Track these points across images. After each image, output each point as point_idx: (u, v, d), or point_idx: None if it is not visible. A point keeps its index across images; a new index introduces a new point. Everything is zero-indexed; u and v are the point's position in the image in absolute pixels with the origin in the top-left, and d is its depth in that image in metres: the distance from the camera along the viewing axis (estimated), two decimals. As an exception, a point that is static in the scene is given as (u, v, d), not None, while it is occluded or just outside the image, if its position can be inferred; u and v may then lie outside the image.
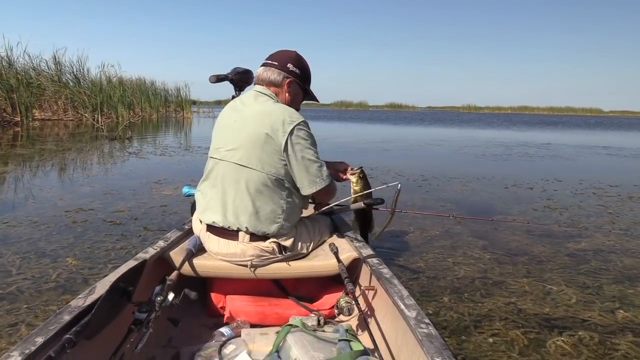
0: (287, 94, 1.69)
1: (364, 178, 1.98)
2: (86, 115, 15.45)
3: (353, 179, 1.98)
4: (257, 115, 1.58)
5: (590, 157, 10.18)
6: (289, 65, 1.68)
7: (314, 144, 1.62)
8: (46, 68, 15.44)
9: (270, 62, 1.70)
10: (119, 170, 6.05)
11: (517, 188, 5.53)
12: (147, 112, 19.51)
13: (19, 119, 13.19)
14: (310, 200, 1.89)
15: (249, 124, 1.58)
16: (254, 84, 1.75)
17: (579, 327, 2.03)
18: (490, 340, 1.89)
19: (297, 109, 1.71)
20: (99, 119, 14.63)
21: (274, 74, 1.67)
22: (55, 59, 15.50)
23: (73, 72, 16.16)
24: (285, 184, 1.61)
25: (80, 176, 5.50)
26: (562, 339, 1.91)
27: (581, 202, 4.80)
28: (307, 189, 1.62)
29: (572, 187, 5.73)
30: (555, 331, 1.98)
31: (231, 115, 1.68)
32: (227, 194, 1.60)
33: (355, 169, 1.98)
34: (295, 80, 1.69)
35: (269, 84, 1.68)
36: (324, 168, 1.65)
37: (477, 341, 1.88)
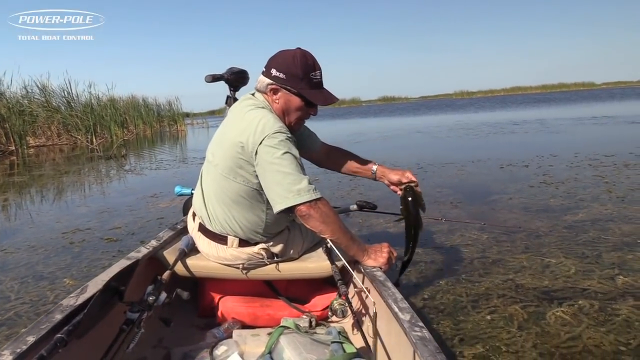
0: (274, 103, 1.57)
1: (409, 195, 1.71)
2: (80, 137, 15.44)
3: (400, 193, 1.77)
4: (235, 123, 1.55)
5: (584, 128, 10.16)
6: (272, 71, 1.54)
7: (289, 155, 1.43)
8: (38, 95, 15.47)
9: (264, 67, 1.60)
10: (115, 188, 6.05)
11: (513, 167, 5.52)
12: (140, 129, 19.52)
13: (14, 147, 13.20)
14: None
15: (228, 131, 1.55)
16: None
17: (578, 296, 2.03)
18: (489, 317, 1.88)
19: (298, 119, 1.61)
20: (93, 140, 14.63)
21: (261, 81, 1.58)
22: (41, 86, 15.48)
23: (64, 95, 16.19)
24: (263, 195, 1.52)
25: (77, 198, 5.50)
26: (562, 309, 1.91)
27: (577, 174, 4.79)
28: (277, 205, 1.42)
29: (567, 160, 5.72)
30: (555, 302, 1.97)
31: (225, 119, 1.67)
32: (210, 200, 1.60)
33: (404, 183, 1.74)
34: (280, 86, 1.53)
35: (258, 90, 1.61)
36: (303, 182, 1.41)
37: (475, 320, 1.87)
